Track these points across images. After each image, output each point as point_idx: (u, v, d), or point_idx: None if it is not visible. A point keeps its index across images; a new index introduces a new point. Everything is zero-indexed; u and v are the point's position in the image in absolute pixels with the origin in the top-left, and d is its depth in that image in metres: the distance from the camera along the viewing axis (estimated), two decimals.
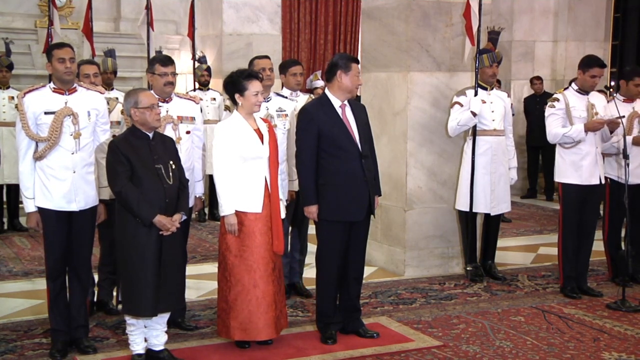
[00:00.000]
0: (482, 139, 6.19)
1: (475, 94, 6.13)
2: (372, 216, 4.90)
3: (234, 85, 4.64)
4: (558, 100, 5.84)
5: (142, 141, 4.29)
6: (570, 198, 5.84)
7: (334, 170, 4.71)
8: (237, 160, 4.58)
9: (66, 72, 4.46)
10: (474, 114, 6.07)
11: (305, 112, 4.82)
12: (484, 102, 6.17)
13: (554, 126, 5.82)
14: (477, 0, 6.09)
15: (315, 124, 4.70)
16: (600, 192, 5.98)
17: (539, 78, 10.96)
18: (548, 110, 5.88)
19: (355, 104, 4.95)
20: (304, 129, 4.76)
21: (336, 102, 4.77)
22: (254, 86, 4.61)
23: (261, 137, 4.64)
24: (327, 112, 4.75)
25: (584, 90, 5.85)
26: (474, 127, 6.17)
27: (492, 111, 6.22)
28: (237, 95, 4.63)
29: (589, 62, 5.85)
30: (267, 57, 5.73)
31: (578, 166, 5.79)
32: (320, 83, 9.34)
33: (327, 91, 4.84)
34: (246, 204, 4.59)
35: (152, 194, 4.20)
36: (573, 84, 5.93)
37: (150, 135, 4.32)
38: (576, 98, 5.84)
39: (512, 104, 6.78)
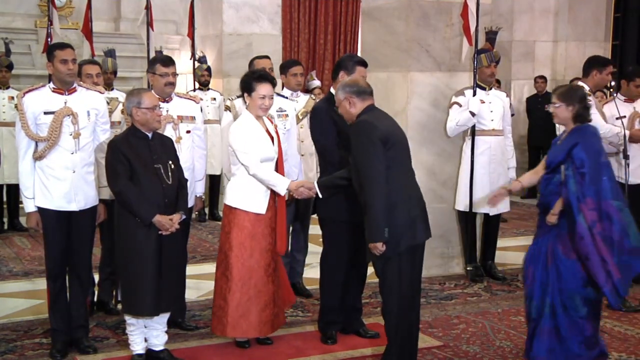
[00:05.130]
0: (480, 139, 6.19)
1: (474, 94, 6.13)
2: None
3: (245, 84, 4.60)
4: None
5: (142, 141, 4.29)
6: None
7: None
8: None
9: (69, 74, 4.46)
10: (473, 114, 6.07)
11: (321, 111, 4.75)
12: (482, 102, 6.17)
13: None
14: (475, 0, 6.10)
15: (333, 121, 4.61)
16: None
17: (542, 77, 10.95)
18: None
19: None
20: (322, 128, 4.67)
21: None
22: (262, 88, 4.53)
23: (272, 138, 4.63)
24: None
25: (590, 91, 5.85)
26: (473, 127, 6.17)
27: (491, 111, 6.23)
28: (245, 95, 4.61)
29: (605, 62, 5.86)
30: (267, 57, 5.73)
31: None
32: (316, 83, 9.33)
33: (332, 90, 4.76)
34: (251, 204, 4.56)
35: (151, 194, 4.21)
36: (584, 85, 5.87)
37: (150, 135, 4.33)
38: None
39: (511, 104, 6.77)
